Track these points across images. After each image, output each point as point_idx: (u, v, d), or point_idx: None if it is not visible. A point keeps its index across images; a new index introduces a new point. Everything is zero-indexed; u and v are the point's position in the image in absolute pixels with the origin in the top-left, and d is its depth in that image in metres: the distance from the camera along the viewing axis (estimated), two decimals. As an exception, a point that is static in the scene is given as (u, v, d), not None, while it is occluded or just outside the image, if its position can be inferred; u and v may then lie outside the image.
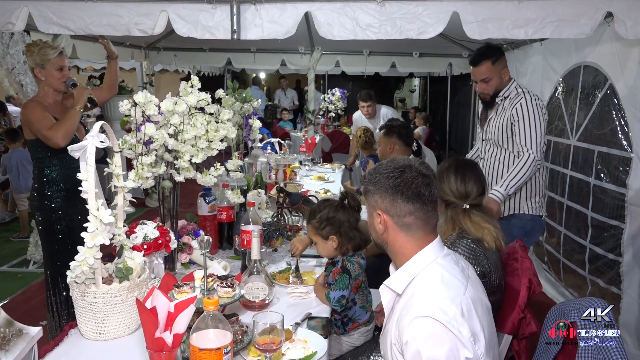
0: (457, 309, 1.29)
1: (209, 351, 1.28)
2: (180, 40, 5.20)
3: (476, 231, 1.95)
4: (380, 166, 1.47)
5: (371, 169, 1.49)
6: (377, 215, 1.45)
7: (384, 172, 1.43)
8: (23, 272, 4.53)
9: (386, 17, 2.41)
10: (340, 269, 2.04)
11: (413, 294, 1.36)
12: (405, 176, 1.40)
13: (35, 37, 4.10)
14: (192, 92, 1.98)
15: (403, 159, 1.47)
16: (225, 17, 2.39)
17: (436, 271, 1.38)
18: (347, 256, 2.07)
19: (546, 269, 4.04)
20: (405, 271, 1.43)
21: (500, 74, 2.86)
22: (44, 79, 2.74)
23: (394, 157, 1.49)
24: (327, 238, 2.09)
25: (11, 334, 1.22)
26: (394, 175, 1.41)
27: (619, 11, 2.28)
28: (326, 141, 7.41)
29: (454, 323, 1.26)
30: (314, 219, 2.13)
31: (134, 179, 1.86)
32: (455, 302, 1.30)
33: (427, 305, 1.29)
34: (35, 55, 2.70)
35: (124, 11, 2.44)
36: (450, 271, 1.39)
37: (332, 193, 4.02)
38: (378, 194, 1.44)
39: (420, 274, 1.39)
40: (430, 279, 1.37)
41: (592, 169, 3.28)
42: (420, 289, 1.36)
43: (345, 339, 2.11)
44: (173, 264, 2.18)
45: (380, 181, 1.43)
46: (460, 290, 1.35)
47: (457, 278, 1.39)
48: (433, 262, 1.41)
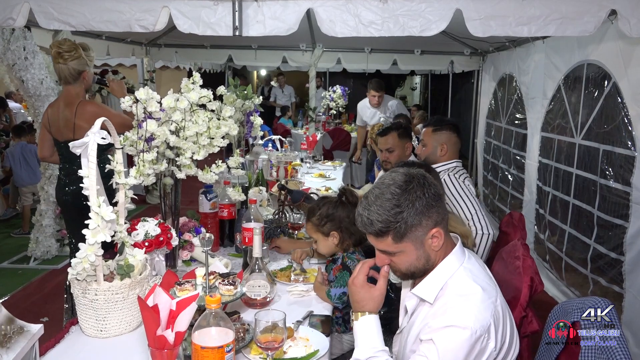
0: (491, 317, 1.32)
1: (211, 349, 1.28)
2: (181, 36, 5.20)
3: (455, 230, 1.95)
4: (388, 201, 1.33)
5: (384, 210, 1.33)
6: (430, 238, 1.38)
7: (403, 201, 1.33)
8: (24, 269, 4.53)
9: (389, 14, 2.40)
10: (340, 266, 2.04)
11: (447, 302, 1.36)
12: (419, 185, 1.36)
13: (37, 33, 4.10)
14: (193, 88, 1.97)
15: (391, 177, 1.38)
16: (227, 14, 2.38)
17: (467, 277, 1.39)
18: (348, 253, 2.07)
19: (547, 267, 4.04)
20: (434, 279, 1.41)
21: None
22: (85, 81, 2.81)
23: (383, 183, 1.38)
24: (328, 235, 2.09)
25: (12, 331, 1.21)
26: (415, 191, 1.34)
27: (623, 9, 2.27)
28: (327, 138, 7.40)
29: (486, 335, 1.29)
30: (313, 216, 2.13)
31: (136, 175, 1.85)
32: (490, 310, 1.33)
33: (464, 315, 1.30)
34: (83, 59, 2.74)
35: (125, 7, 2.43)
36: (479, 275, 1.41)
37: (334, 190, 4.01)
38: (420, 222, 1.34)
39: (451, 282, 1.39)
40: (463, 286, 1.37)
41: (597, 168, 3.27)
42: (454, 297, 1.36)
43: (346, 337, 2.11)
44: (174, 261, 2.17)
45: (411, 210, 1.33)
46: (492, 295, 1.38)
47: (487, 282, 1.41)
48: (460, 267, 1.42)
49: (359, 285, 1.48)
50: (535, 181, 4.30)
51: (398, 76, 14.12)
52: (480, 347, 1.30)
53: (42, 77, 4.24)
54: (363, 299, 1.47)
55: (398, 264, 1.42)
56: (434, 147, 2.80)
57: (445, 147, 2.76)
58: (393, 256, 1.41)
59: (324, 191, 3.88)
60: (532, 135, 4.44)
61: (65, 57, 2.71)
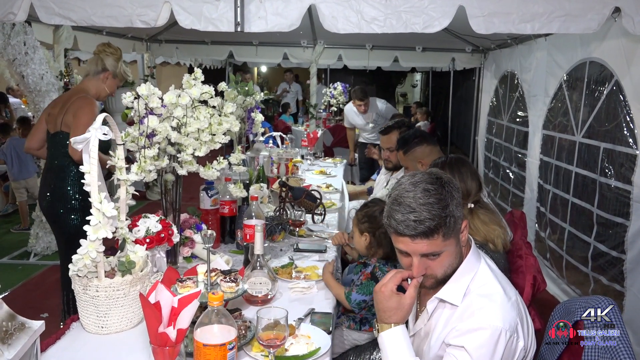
0: (517, 317, 1.32)
1: (213, 347, 1.27)
2: (182, 32, 5.18)
3: (486, 232, 1.89)
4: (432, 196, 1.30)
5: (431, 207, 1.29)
6: (462, 232, 1.38)
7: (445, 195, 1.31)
8: (24, 264, 4.53)
9: (391, 10, 2.38)
10: (369, 274, 2.05)
11: (471, 303, 1.35)
12: (446, 179, 1.36)
13: (37, 27, 4.08)
14: (195, 84, 1.96)
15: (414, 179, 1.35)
16: (229, 9, 2.36)
17: (489, 275, 1.39)
18: (380, 264, 2.07)
19: (548, 265, 4.03)
20: (458, 280, 1.39)
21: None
22: (104, 85, 2.79)
23: (411, 184, 1.34)
24: (362, 233, 2.15)
25: (13, 327, 1.20)
26: (449, 184, 1.34)
27: (627, 6, 2.25)
28: (328, 135, 7.39)
29: (515, 335, 1.29)
30: (361, 211, 2.19)
31: (137, 171, 1.85)
32: (515, 310, 1.33)
33: (491, 316, 1.29)
34: (116, 61, 2.76)
35: (127, 2, 2.41)
36: (497, 271, 1.42)
37: (334, 187, 4.01)
38: (461, 214, 1.34)
39: (473, 282, 1.38)
40: (485, 286, 1.37)
41: (597, 166, 3.26)
42: (477, 297, 1.35)
43: (355, 335, 2.10)
44: (175, 258, 2.17)
45: (453, 202, 1.32)
46: (513, 294, 1.38)
47: (505, 279, 1.42)
48: (481, 264, 1.41)
49: (387, 294, 1.37)
50: (537, 179, 4.30)
51: (399, 73, 14.11)
52: (511, 348, 1.29)
53: (42, 73, 4.23)
54: (389, 308, 1.37)
55: (436, 268, 1.36)
56: (414, 166, 2.82)
57: (423, 161, 2.77)
58: (436, 259, 1.34)
59: (324, 188, 3.88)
60: (534, 133, 4.44)
61: (104, 51, 2.78)
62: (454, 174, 1.95)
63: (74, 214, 2.70)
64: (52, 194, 2.74)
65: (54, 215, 2.76)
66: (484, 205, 2.00)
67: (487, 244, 1.88)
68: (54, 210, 2.75)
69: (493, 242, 1.88)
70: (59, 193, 2.71)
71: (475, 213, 1.93)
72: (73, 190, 2.71)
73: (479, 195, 2.00)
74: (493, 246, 1.88)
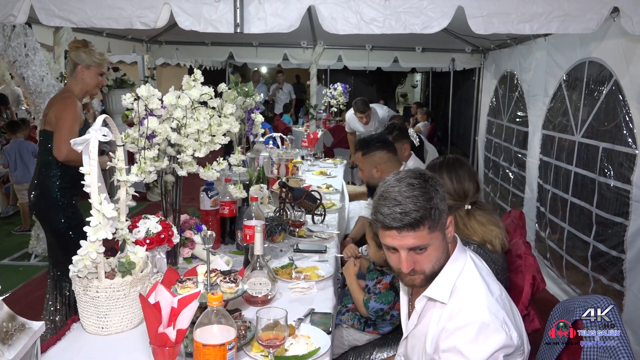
0: (502, 309, 1.33)
1: (213, 347, 1.27)
2: (182, 33, 5.18)
3: (484, 233, 1.88)
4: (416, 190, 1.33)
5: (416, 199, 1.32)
6: (447, 227, 1.40)
7: (429, 188, 1.34)
8: (25, 266, 4.53)
9: (390, 11, 2.39)
10: (388, 284, 2.06)
11: (458, 301, 1.36)
12: (429, 176, 1.38)
13: (37, 29, 4.09)
14: (195, 86, 1.96)
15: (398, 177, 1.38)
16: (229, 11, 2.37)
17: (474, 271, 1.40)
18: None
19: (548, 265, 4.04)
20: (445, 277, 1.40)
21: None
22: (83, 79, 2.78)
23: (395, 180, 1.37)
24: (379, 247, 2.08)
25: (14, 328, 1.21)
26: (433, 179, 1.37)
27: (626, 6, 2.26)
28: (328, 136, 7.39)
29: (505, 326, 1.30)
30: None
31: (137, 172, 1.85)
32: (499, 304, 1.34)
33: (478, 311, 1.31)
34: (82, 53, 2.74)
35: (127, 4, 2.42)
36: (482, 267, 1.44)
37: (334, 188, 4.01)
38: (445, 207, 1.36)
39: (459, 281, 1.39)
40: (470, 282, 1.38)
41: (597, 166, 3.26)
42: (463, 294, 1.37)
43: (356, 335, 2.11)
44: (175, 259, 2.17)
45: (437, 196, 1.34)
46: (496, 290, 1.39)
47: (492, 278, 1.43)
48: (466, 260, 1.42)
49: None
50: (536, 179, 4.30)
51: (399, 73, 14.12)
52: (504, 339, 1.29)
53: (42, 74, 4.24)
54: None
55: (424, 263, 1.37)
56: (369, 170, 2.84)
57: (378, 167, 2.79)
58: (423, 253, 1.36)
59: (324, 189, 3.88)
60: (534, 133, 4.44)
61: (71, 50, 2.80)
62: (451, 175, 1.96)
63: (56, 211, 2.75)
64: (38, 191, 2.79)
65: (39, 213, 2.86)
66: (481, 206, 1.99)
67: (486, 244, 1.87)
68: (38, 207, 2.82)
69: (491, 243, 1.87)
70: (43, 190, 2.76)
71: (473, 214, 1.92)
72: (55, 188, 2.75)
73: (476, 196, 1.98)
74: (491, 247, 1.87)
